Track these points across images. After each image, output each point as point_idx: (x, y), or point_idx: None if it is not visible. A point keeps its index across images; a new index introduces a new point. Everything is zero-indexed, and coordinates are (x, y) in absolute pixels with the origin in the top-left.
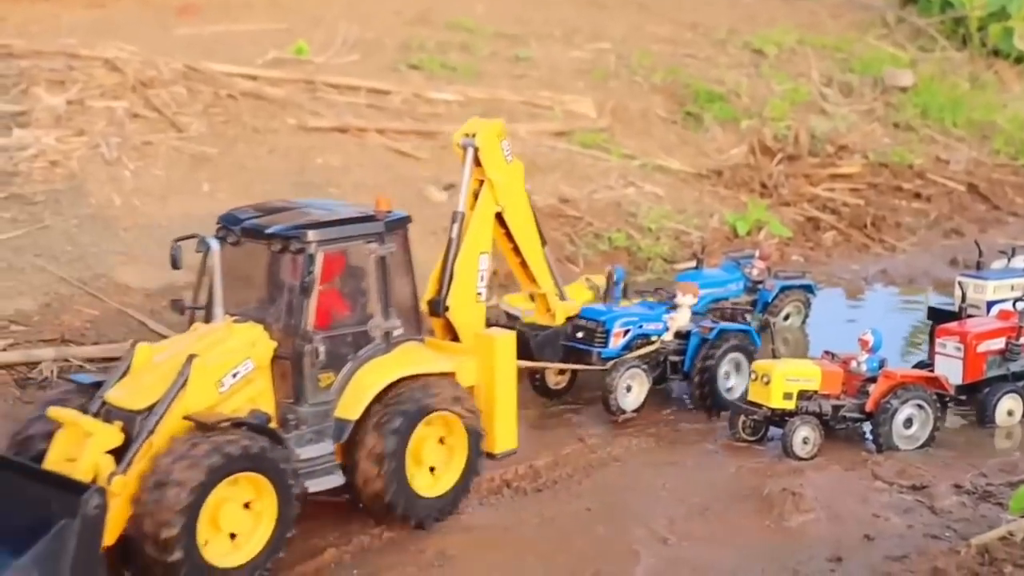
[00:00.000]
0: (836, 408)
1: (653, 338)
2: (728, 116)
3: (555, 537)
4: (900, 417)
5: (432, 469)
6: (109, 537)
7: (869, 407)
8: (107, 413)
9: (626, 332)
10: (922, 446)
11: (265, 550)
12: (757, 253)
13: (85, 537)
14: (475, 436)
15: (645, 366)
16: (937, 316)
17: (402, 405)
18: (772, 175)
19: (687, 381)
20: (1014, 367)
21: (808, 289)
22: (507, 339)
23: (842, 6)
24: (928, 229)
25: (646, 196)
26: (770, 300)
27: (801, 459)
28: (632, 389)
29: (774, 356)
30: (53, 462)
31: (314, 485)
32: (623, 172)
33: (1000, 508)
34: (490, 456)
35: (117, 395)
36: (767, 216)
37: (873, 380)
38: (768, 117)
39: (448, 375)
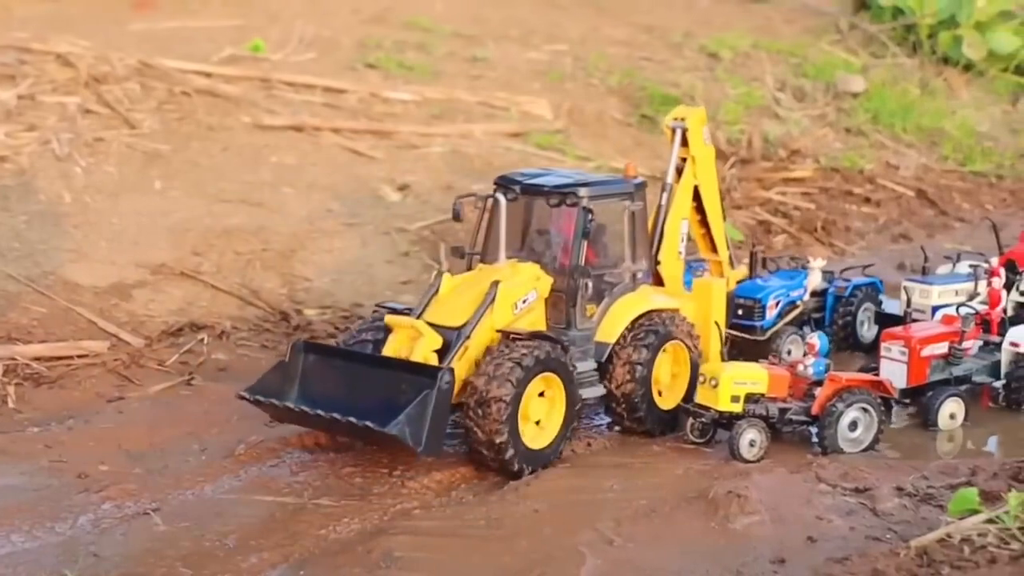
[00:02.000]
0: (783, 411)
1: (797, 303)
2: None
3: (501, 538)
4: (845, 420)
5: (660, 392)
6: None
7: (815, 410)
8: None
9: (777, 303)
10: (866, 449)
11: (558, 436)
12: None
13: (439, 405)
14: (696, 364)
15: (797, 330)
16: (883, 320)
17: (649, 332)
18: (725, 178)
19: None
20: (957, 371)
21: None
22: (721, 285)
23: (796, 12)
24: (877, 233)
25: None
26: None
27: (748, 461)
28: (792, 351)
29: (722, 359)
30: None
31: (585, 392)
32: None
33: (940, 510)
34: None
35: (433, 315)
36: None
37: (819, 384)
38: (722, 120)
39: (676, 311)
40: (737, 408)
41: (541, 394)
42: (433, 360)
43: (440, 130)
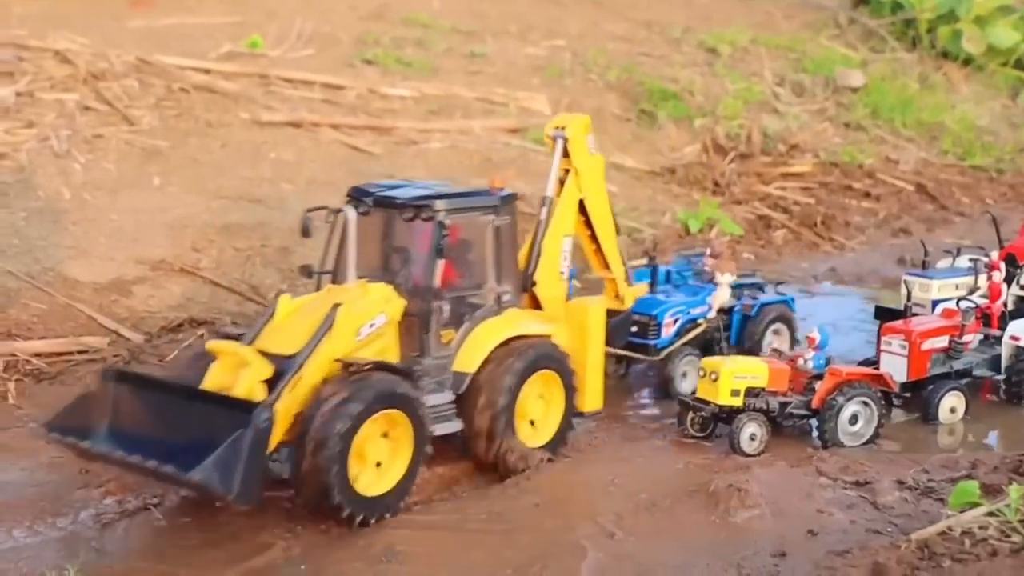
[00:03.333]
0: (783, 405)
1: (699, 321)
2: (682, 114)
3: (503, 532)
4: (845, 414)
5: (532, 423)
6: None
7: (815, 404)
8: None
9: (676, 321)
10: (867, 443)
11: (401, 482)
12: (708, 251)
13: (255, 447)
14: (571, 394)
15: (697, 351)
16: (883, 314)
17: (513, 361)
18: (724, 173)
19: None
20: (957, 365)
21: (758, 288)
22: (599, 307)
23: (795, 6)
24: (877, 228)
25: None
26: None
27: (748, 455)
28: (687, 375)
29: (722, 353)
30: (211, 388)
31: (438, 428)
32: None
33: (941, 504)
34: (579, 415)
35: (266, 341)
36: (719, 214)
37: (819, 377)
38: (721, 116)
39: (547, 337)
40: (737, 402)
41: (385, 434)
42: (260, 392)
43: (439, 126)
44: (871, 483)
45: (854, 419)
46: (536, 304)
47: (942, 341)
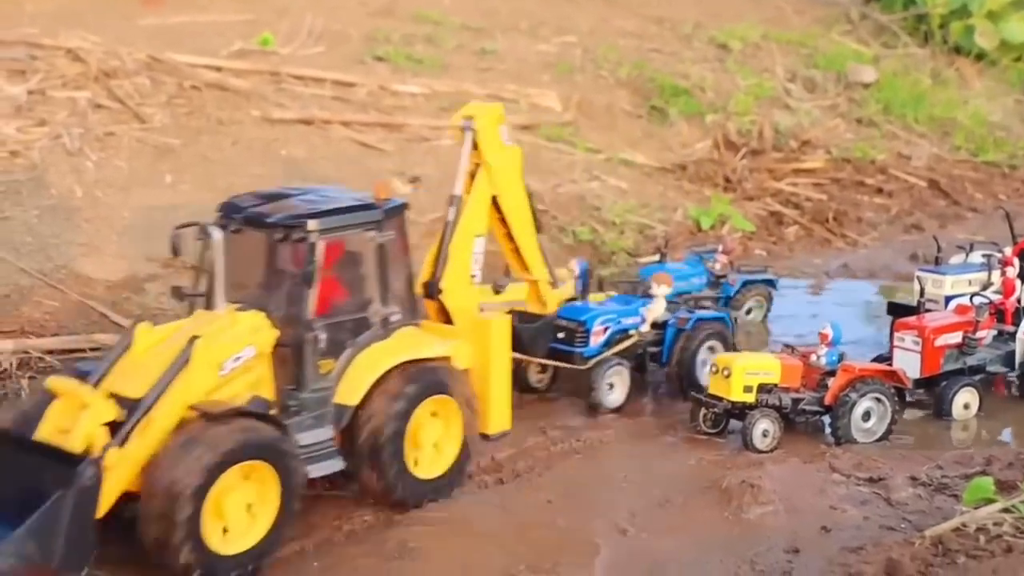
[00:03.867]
0: (795, 401)
1: (631, 332)
2: (693, 110)
3: (516, 529)
4: (858, 410)
5: (429, 451)
6: (103, 508)
7: (828, 400)
8: (105, 394)
9: (605, 329)
10: (880, 439)
11: (266, 538)
12: (720, 247)
13: (79, 509)
14: (471, 419)
15: (626, 362)
16: (896, 310)
17: (401, 389)
18: (736, 170)
19: (666, 370)
20: (971, 361)
21: (770, 283)
22: (502, 322)
23: (806, 2)
24: (889, 224)
25: (610, 190)
26: (732, 294)
27: (760, 452)
28: (615, 386)
29: (734, 349)
30: (47, 433)
31: (315, 470)
32: (588, 166)
33: (955, 500)
34: (485, 437)
35: (117, 375)
36: (730, 210)
37: (832, 374)
38: (732, 112)
39: (444, 359)
40: (750, 398)
41: (250, 486)
42: (103, 437)
43: (449, 123)
44: (884, 479)
45: (867, 415)
46: (445, 314)
47: (956, 337)
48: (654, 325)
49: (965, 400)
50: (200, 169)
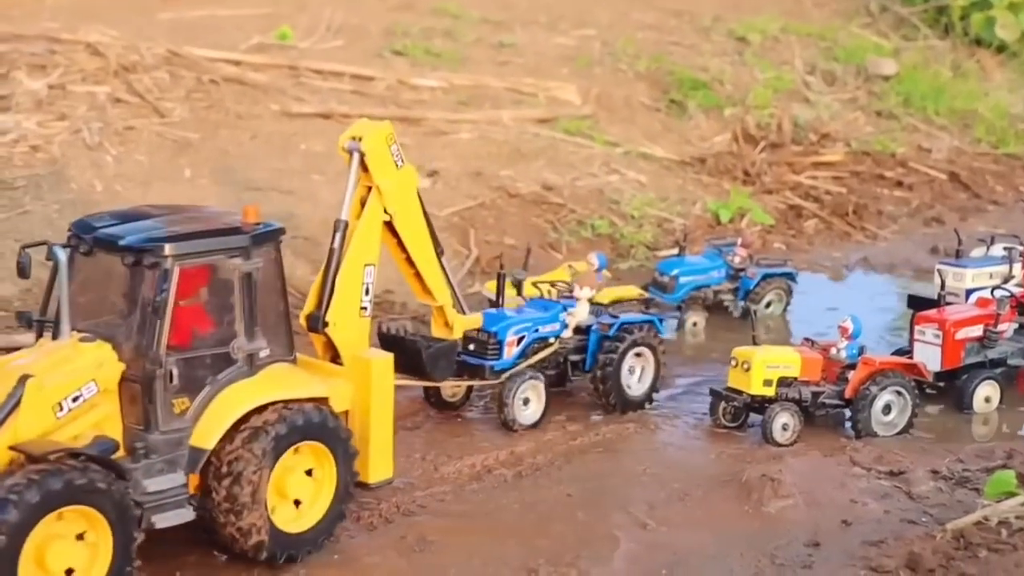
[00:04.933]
0: (815, 395)
1: (551, 340)
2: (712, 104)
3: (536, 522)
4: (879, 404)
5: (297, 502)
6: None
7: (848, 394)
8: None
9: (520, 339)
10: (900, 432)
11: None
12: (739, 240)
13: None
14: (346, 467)
15: (540, 375)
16: (917, 304)
17: (264, 432)
18: (755, 163)
19: (590, 379)
20: (992, 354)
21: (789, 277)
22: (384, 362)
23: None
24: (909, 217)
25: (629, 183)
26: (752, 287)
27: (780, 445)
28: (530, 402)
29: (754, 343)
30: None
31: (161, 520)
32: (606, 159)
33: (976, 493)
34: (363, 486)
35: None
36: (750, 204)
37: (852, 367)
38: (751, 105)
39: (320, 400)
40: (770, 392)
41: (81, 536)
42: None
43: (468, 116)
44: (905, 473)
45: (887, 409)
46: (333, 350)
47: (976, 330)
48: (578, 330)
49: (986, 393)
50: (219, 163)
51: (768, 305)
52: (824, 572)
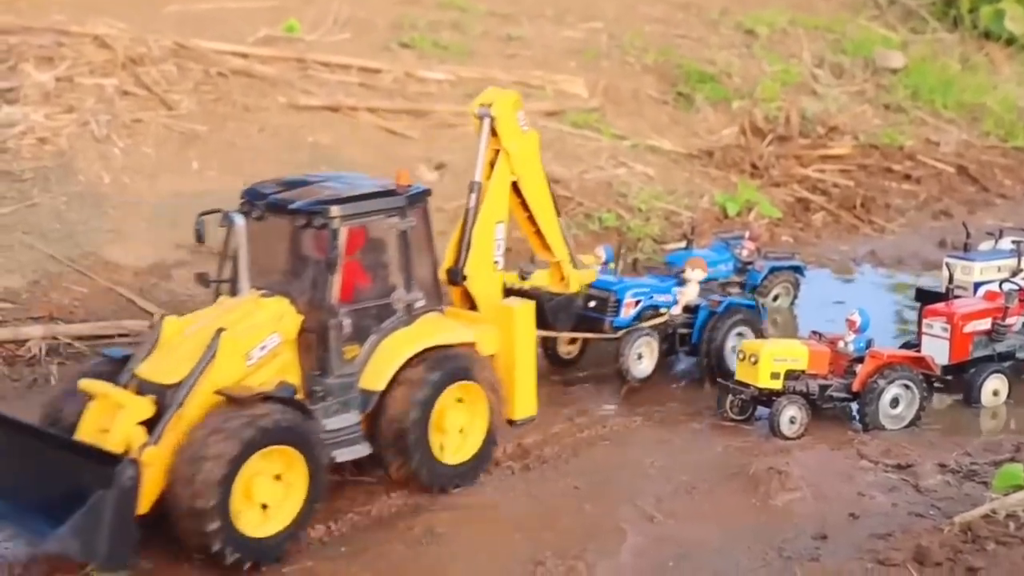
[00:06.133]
0: (823, 388)
1: (662, 310)
2: (719, 97)
3: (542, 515)
4: (886, 397)
5: (454, 437)
6: (143, 507)
7: (856, 387)
8: (138, 386)
9: (637, 303)
10: (908, 426)
11: (296, 520)
12: (747, 234)
13: (120, 507)
14: (495, 404)
15: (655, 334)
16: (925, 297)
17: (425, 375)
18: (763, 156)
19: (695, 354)
20: (1000, 347)
21: (797, 270)
22: (526, 308)
23: None
24: (917, 210)
25: (637, 176)
26: (759, 281)
27: (788, 438)
28: (643, 357)
29: (762, 336)
30: (86, 433)
31: (341, 455)
32: (614, 152)
33: (984, 487)
34: (510, 423)
35: (147, 369)
36: (757, 197)
37: (860, 360)
38: (759, 98)
39: (469, 345)
40: (777, 385)
41: (278, 476)
42: (140, 436)
43: (468, 110)
44: (913, 466)
45: (895, 402)
46: (470, 300)
47: (985, 324)
48: (686, 309)
49: (994, 387)
50: (227, 156)
51: (775, 298)
52: (831, 565)
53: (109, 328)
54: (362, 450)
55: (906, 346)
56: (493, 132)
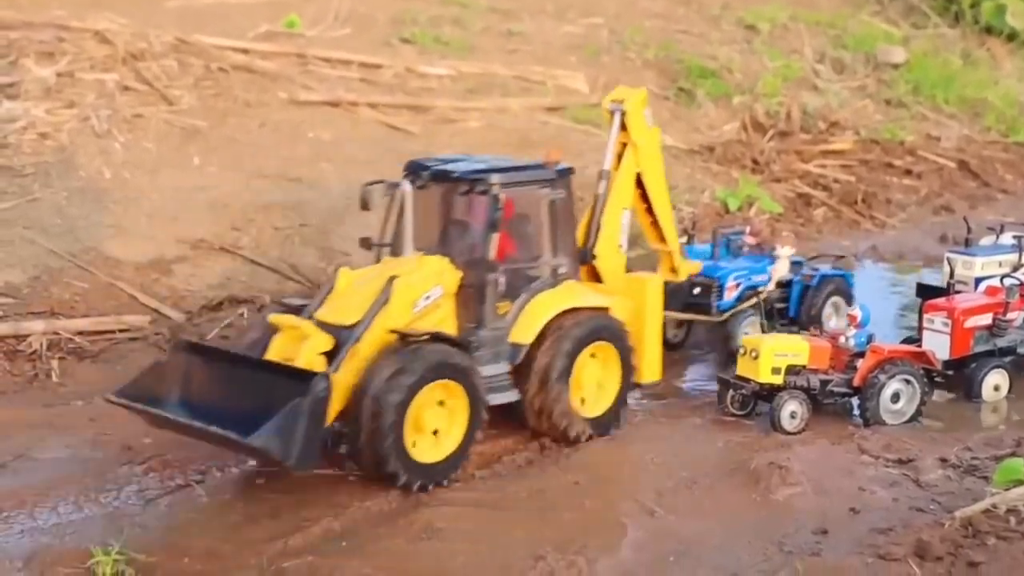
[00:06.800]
0: (824, 383)
1: (760, 289)
2: (720, 92)
3: (543, 510)
4: (887, 392)
5: (592, 391)
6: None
7: (857, 382)
8: (318, 327)
9: (737, 285)
10: (909, 421)
11: (459, 448)
12: (748, 229)
13: (313, 414)
14: (628, 365)
15: (758, 314)
16: (926, 292)
17: (569, 333)
18: (764, 151)
19: (794, 325)
20: (1001, 342)
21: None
22: (656, 281)
23: None
24: (918, 206)
25: None
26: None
27: (789, 433)
28: (749, 335)
29: (763, 331)
30: (273, 360)
31: (494, 399)
32: None
33: (985, 481)
34: (636, 386)
35: (325, 313)
36: (758, 192)
37: (861, 355)
38: (760, 93)
39: (604, 310)
40: (778, 380)
41: (441, 402)
42: (319, 364)
43: (476, 105)
44: (914, 461)
45: (896, 397)
46: (596, 278)
47: (985, 319)
48: (778, 285)
49: (995, 382)
50: (227, 151)
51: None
52: (832, 560)
53: (110, 323)
54: (512, 396)
55: (907, 341)
56: (623, 126)
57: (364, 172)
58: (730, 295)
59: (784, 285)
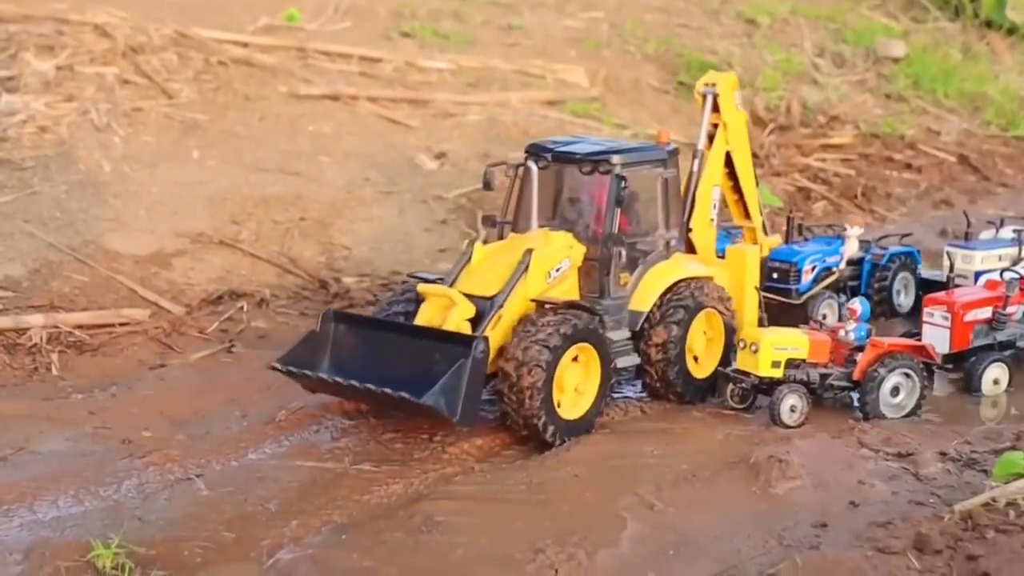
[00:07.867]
0: (824, 376)
1: (833, 269)
2: None
3: (542, 503)
4: (887, 386)
5: (696, 358)
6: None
7: (856, 376)
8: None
9: (813, 268)
10: (908, 414)
11: (594, 404)
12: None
13: (474, 373)
14: (731, 331)
15: (835, 295)
16: (925, 286)
17: (683, 301)
18: (764, 145)
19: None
20: (1001, 336)
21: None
22: (754, 252)
23: None
24: (918, 200)
25: None
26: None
27: (788, 427)
28: (827, 316)
29: (762, 324)
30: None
31: (619, 362)
32: None
33: (984, 475)
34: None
35: (464, 285)
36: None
37: (860, 349)
38: (760, 87)
39: (709, 279)
40: (778, 373)
41: (575, 358)
42: (466, 329)
43: (476, 98)
44: (913, 454)
45: (896, 391)
46: (691, 249)
47: (985, 312)
48: (850, 262)
49: (995, 375)
50: (227, 145)
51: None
52: (831, 553)
53: (110, 316)
54: (633, 360)
55: (907, 335)
56: (714, 108)
57: (364, 166)
58: (807, 277)
59: (855, 262)
